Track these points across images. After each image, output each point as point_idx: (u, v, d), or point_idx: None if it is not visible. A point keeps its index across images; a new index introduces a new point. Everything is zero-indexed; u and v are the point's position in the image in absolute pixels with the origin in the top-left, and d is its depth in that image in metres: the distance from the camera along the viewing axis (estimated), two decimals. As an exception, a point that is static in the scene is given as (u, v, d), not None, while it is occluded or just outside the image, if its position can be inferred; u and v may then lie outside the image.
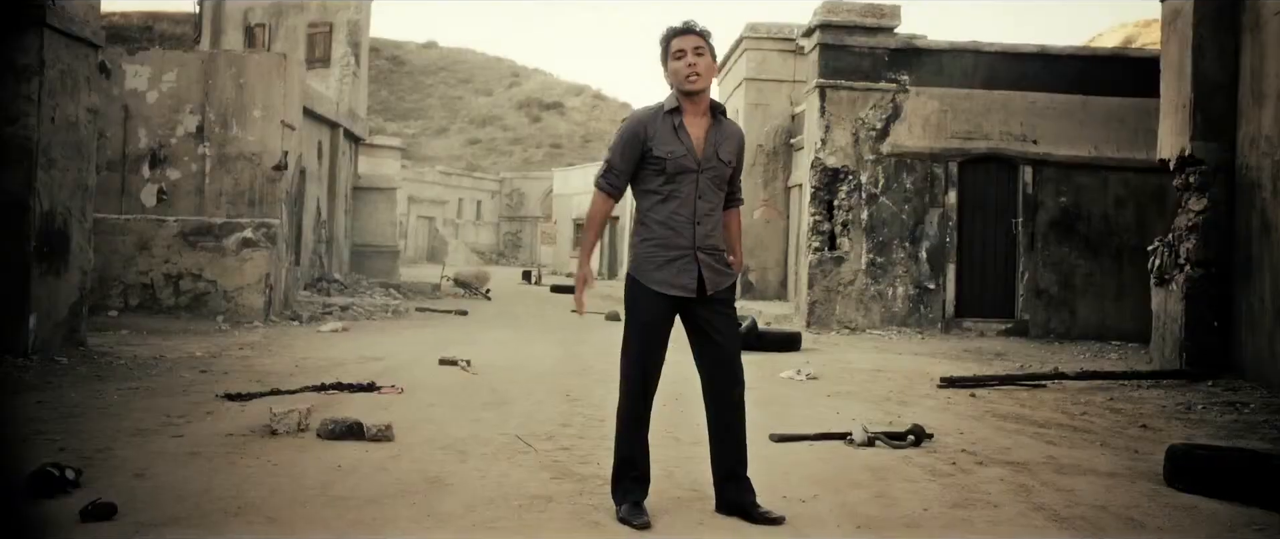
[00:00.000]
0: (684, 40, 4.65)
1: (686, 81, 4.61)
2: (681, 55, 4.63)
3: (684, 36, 4.67)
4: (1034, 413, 8.31)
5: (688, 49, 4.63)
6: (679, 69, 4.62)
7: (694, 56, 4.62)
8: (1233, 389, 9.85)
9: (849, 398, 8.93)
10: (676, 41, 4.66)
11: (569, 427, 7.04)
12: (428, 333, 14.49)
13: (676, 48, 4.65)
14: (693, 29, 4.71)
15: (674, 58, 4.65)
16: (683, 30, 4.71)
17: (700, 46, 4.64)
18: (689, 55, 4.62)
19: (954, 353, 13.67)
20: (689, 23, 4.77)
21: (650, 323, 4.61)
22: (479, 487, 5.19)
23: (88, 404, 7.50)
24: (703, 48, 4.64)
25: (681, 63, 4.62)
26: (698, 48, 4.63)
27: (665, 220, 4.60)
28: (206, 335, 13.15)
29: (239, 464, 5.53)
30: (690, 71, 4.60)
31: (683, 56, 4.62)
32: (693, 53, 4.62)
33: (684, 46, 4.64)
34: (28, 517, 4.40)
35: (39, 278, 9.71)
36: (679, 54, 4.63)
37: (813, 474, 5.70)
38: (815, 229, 15.85)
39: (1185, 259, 10.86)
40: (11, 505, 4.45)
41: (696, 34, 4.68)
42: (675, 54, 4.64)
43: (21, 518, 4.41)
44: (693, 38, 4.66)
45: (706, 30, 4.77)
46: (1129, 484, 5.67)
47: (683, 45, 4.64)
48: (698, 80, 4.61)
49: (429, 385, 8.96)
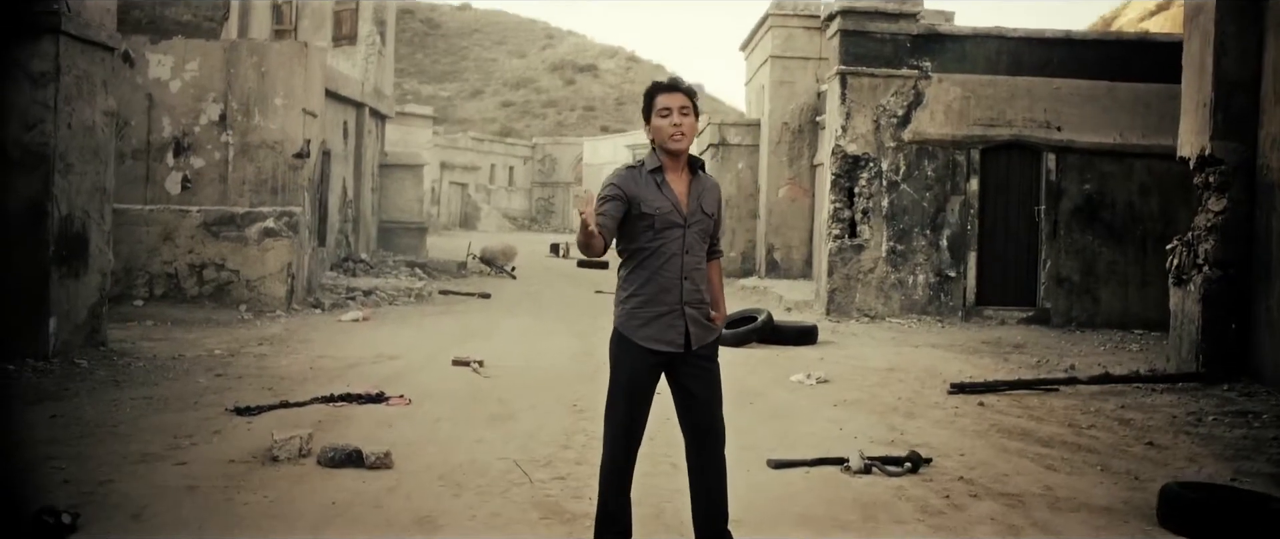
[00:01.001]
0: (670, 98, 4.63)
1: (671, 140, 4.59)
2: (667, 113, 4.61)
3: (670, 94, 4.64)
4: (1040, 427, 8.28)
5: (674, 108, 4.60)
6: (663, 127, 4.60)
7: (680, 116, 4.59)
8: (1248, 395, 9.77)
9: (856, 408, 8.93)
10: (662, 99, 4.64)
11: (569, 449, 7.09)
12: (447, 322, 14.60)
13: (662, 106, 4.63)
14: (679, 87, 4.68)
15: (659, 115, 4.62)
16: (669, 88, 4.68)
17: (686, 107, 4.62)
18: (675, 114, 4.60)
19: (972, 345, 13.61)
20: (675, 80, 4.75)
21: (635, 379, 4.63)
22: (468, 528, 5.26)
23: (100, 420, 7.64)
24: (688, 108, 4.62)
25: (666, 122, 4.60)
26: (684, 108, 4.61)
27: (653, 277, 4.60)
28: (227, 326, 13.32)
29: (236, 500, 5.63)
30: (675, 131, 4.58)
31: (668, 115, 4.60)
32: (679, 113, 4.60)
33: (670, 105, 4.61)
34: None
35: (58, 281, 9.86)
36: (664, 112, 4.61)
37: (802, 511, 5.73)
38: (835, 216, 15.78)
39: (1203, 260, 10.74)
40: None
41: (683, 92, 4.66)
42: (660, 112, 4.62)
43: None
44: (679, 97, 4.64)
45: (692, 89, 4.75)
46: (1121, 524, 5.66)
47: (669, 103, 4.62)
48: (682, 140, 4.60)
49: (439, 393, 9.04)
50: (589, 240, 4.36)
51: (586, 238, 4.35)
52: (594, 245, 4.38)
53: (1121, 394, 9.95)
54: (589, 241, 4.36)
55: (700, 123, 4.75)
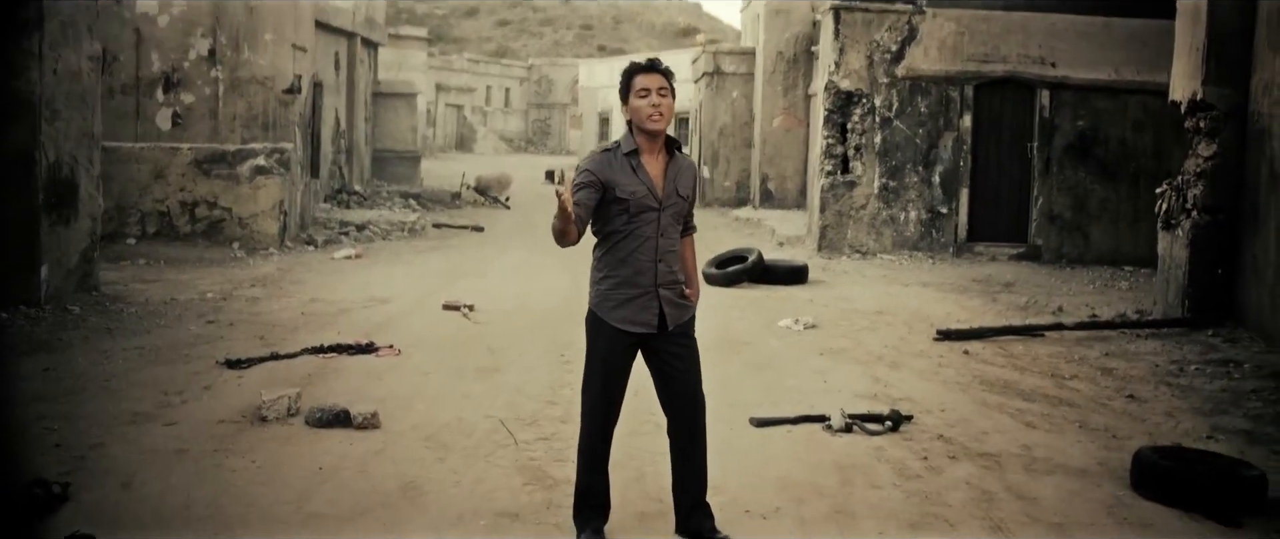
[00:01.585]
0: (648, 79, 4.61)
1: (649, 121, 4.59)
2: (645, 94, 4.59)
3: (649, 75, 4.62)
4: (1022, 378, 8.38)
5: (652, 88, 4.59)
6: (641, 108, 4.59)
7: (658, 97, 4.58)
8: (1231, 341, 9.86)
9: (841, 357, 9.02)
10: (641, 79, 4.62)
11: (555, 405, 7.18)
12: (439, 260, 14.64)
13: (640, 86, 4.61)
14: (657, 67, 4.67)
15: (637, 96, 4.61)
16: (647, 68, 4.66)
17: (664, 87, 4.60)
18: (653, 94, 4.58)
19: (962, 283, 13.69)
20: (653, 61, 4.73)
21: (611, 359, 4.69)
22: (452, 497, 5.36)
23: (92, 373, 7.72)
24: (666, 88, 4.61)
25: (645, 102, 4.59)
26: (662, 88, 4.59)
27: (627, 259, 4.63)
28: (220, 266, 13.36)
29: (224, 466, 5.72)
30: (653, 112, 4.58)
31: (646, 96, 4.59)
32: (657, 93, 4.58)
33: (648, 86, 4.60)
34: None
35: (49, 229, 9.88)
36: (643, 93, 4.60)
37: (781, 474, 5.83)
38: (828, 153, 15.76)
39: (1192, 205, 10.76)
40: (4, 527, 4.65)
41: (661, 73, 4.65)
42: (639, 92, 4.61)
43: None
44: (657, 77, 4.62)
45: (670, 70, 4.74)
46: (1095, 488, 5.76)
47: (647, 84, 4.60)
48: (660, 120, 4.59)
49: (428, 342, 9.12)
50: (565, 227, 4.38)
51: (563, 224, 4.38)
52: (569, 233, 4.41)
53: (1106, 340, 10.04)
54: (565, 228, 4.39)
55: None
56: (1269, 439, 6.85)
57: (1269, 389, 8.06)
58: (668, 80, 4.64)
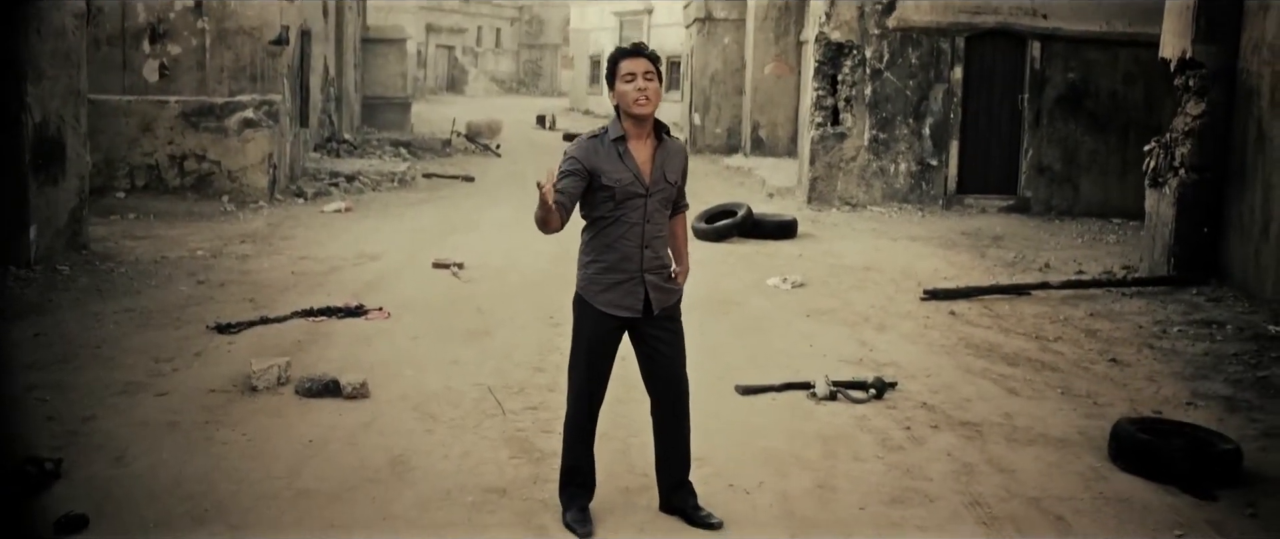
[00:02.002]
0: (634, 63, 4.60)
1: (635, 105, 4.59)
2: (631, 78, 4.58)
3: (635, 59, 4.61)
4: (1007, 341, 8.45)
5: (638, 73, 4.58)
6: (628, 92, 4.59)
7: (644, 81, 4.57)
8: (1215, 300, 9.94)
9: (828, 319, 9.08)
10: (626, 64, 4.61)
11: (542, 372, 7.25)
12: (429, 214, 14.63)
13: (626, 71, 4.60)
14: (643, 52, 4.66)
15: (623, 81, 4.60)
16: (633, 52, 4.65)
17: (650, 71, 4.60)
18: (639, 79, 4.57)
19: (951, 237, 13.74)
20: (639, 45, 4.73)
21: (596, 342, 4.74)
22: (439, 471, 5.43)
23: (83, 339, 7.76)
24: (652, 73, 4.60)
25: (631, 87, 4.58)
26: (648, 72, 4.59)
27: (613, 244, 4.65)
28: (210, 220, 13.36)
29: (215, 439, 5.79)
30: (639, 96, 4.57)
31: (632, 80, 4.58)
32: (643, 77, 4.57)
33: (634, 70, 4.59)
34: (6, 524, 4.68)
35: (37, 189, 9.87)
36: (629, 77, 4.59)
37: (765, 445, 5.91)
38: (818, 104, 15.72)
39: (1180, 163, 10.79)
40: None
41: (647, 57, 4.64)
42: (624, 77, 4.60)
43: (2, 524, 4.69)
44: (643, 61, 4.61)
45: (656, 54, 4.73)
46: (1074, 460, 5.85)
47: (633, 68, 4.59)
48: (646, 105, 4.59)
49: (417, 304, 9.17)
50: (547, 217, 4.40)
51: (545, 214, 4.40)
52: (551, 222, 4.43)
53: (1092, 299, 10.11)
54: (547, 218, 4.41)
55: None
56: (1247, 405, 6.95)
57: (1250, 352, 8.15)
58: (654, 65, 4.64)
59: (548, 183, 4.32)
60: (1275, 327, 8.88)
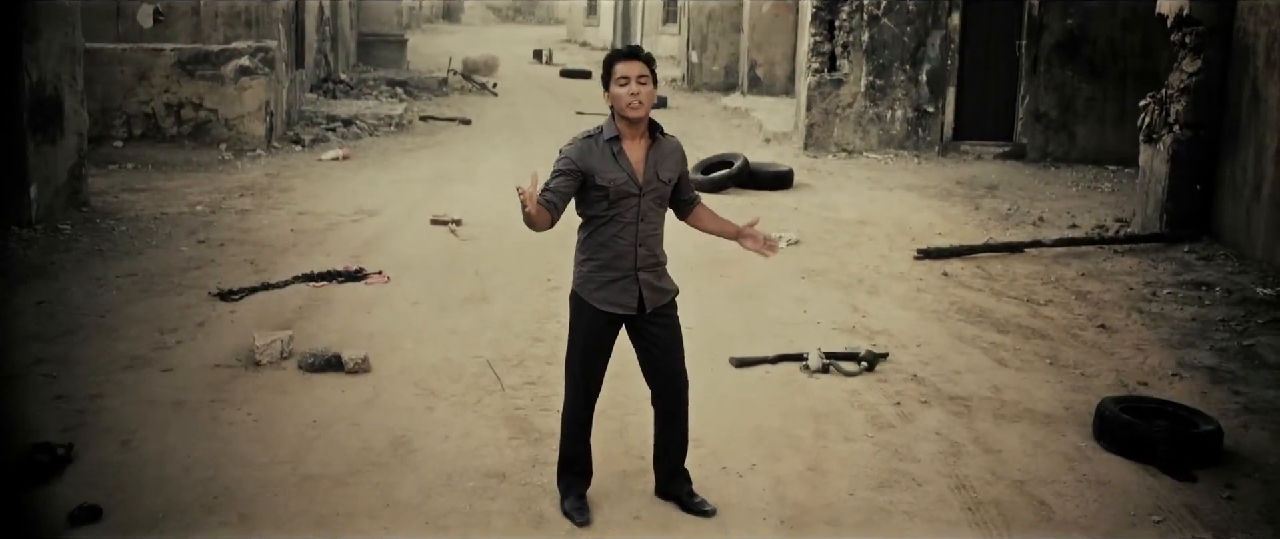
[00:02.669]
0: (629, 66, 4.66)
1: (628, 109, 4.66)
2: (625, 82, 4.65)
3: (629, 63, 4.68)
4: (998, 305, 8.57)
5: (632, 77, 4.64)
6: (621, 96, 4.66)
7: (637, 85, 4.64)
8: (1205, 259, 10.05)
9: (822, 281, 9.18)
10: (621, 67, 4.67)
11: (541, 342, 7.37)
12: (426, 163, 14.66)
13: (620, 74, 4.66)
14: (638, 55, 4.72)
15: (617, 84, 4.67)
16: (628, 56, 4.71)
17: (644, 75, 4.66)
18: (632, 83, 4.64)
19: (946, 186, 13.80)
20: (634, 48, 4.79)
21: (592, 338, 4.85)
22: (441, 453, 5.57)
23: (87, 307, 7.87)
24: (646, 76, 4.67)
25: (624, 90, 4.64)
26: (641, 76, 4.65)
27: (608, 243, 4.75)
28: (208, 170, 13.39)
29: (220, 419, 5.92)
30: (633, 100, 4.64)
31: (626, 84, 4.64)
32: (636, 81, 4.64)
33: (628, 74, 4.65)
34: (20, 514, 4.83)
35: (35, 149, 9.92)
36: (623, 81, 4.65)
37: (758, 423, 6.05)
38: (815, 50, 15.69)
39: (1174, 120, 10.83)
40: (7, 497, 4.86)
41: (641, 61, 4.70)
42: (619, 80, 4.66)
43: (15, 514, 4.84)
44: (638, 65, 4.67)
45: (651, 56, 4.79)
46: (1058, 438, 6.00)
47: (627, 72, 4.65)
48: (640, 109, 4.66)
49: (416, 265, 9.26)
50: (533, 219, 4.48)
51: (528, 220, 4.49)
52: (538, 224, 4.51)
53: (1084, 256, 10.22)
54: (534, 220, 4.49)
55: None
56: (1231, 377, 7.09)
57: (1237, 318, 8.28)
58: (649, 67, 4.70)
59: (530, 188, 4.39)
60: (1264, 289, 9.00)
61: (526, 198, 4.38)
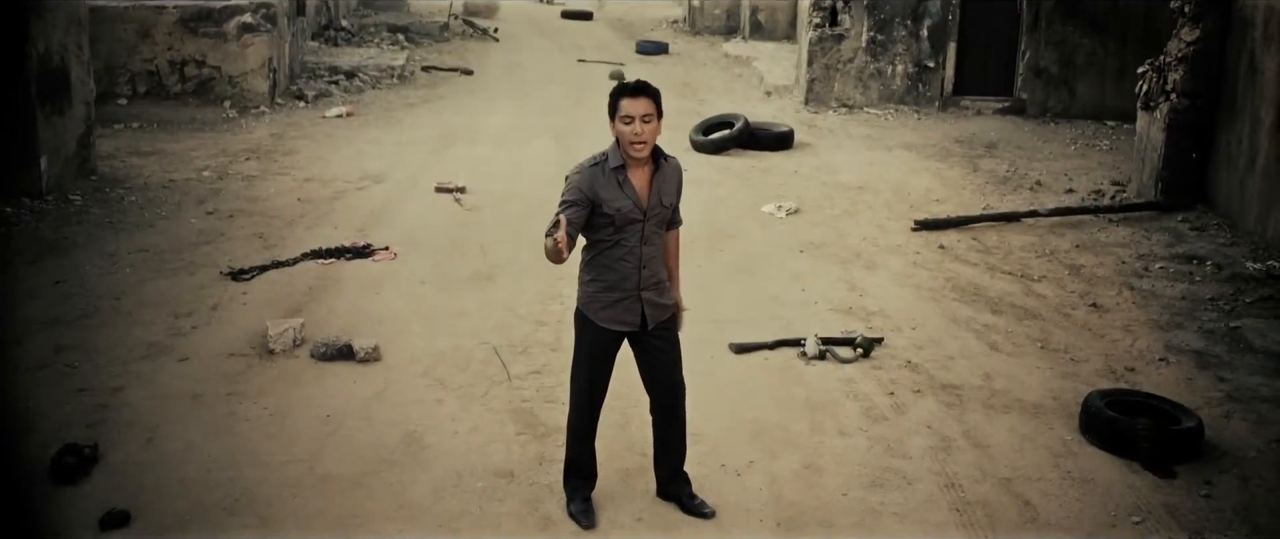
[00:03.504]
0: (633, 105, 4.74)
1: (631, 148, 4.77)
2: (629, 121, 4.73)
3: (634, 101, 4.74)
4: (992, 282, 8.75)
5: (636, 116, 4.73)
6: (625, 133, 4.75)
7: (641, 124, 4.73)
8: (1199, 229, 10.20)
9: (820, 255, 9.34)
10: (626, 104, 4.74)
11: (545, 326, 7.57)
12: (429, 120, 14.73)
13: (625, 112, 4.74)
14: (645, 91, 4.78)
15: (621, 121, 4.75)
16: (635, 91, 4.78)
17: (649, 114, 4.74)
18: (636, 123, 4.73)
19: (945, 145, 13.90)
20: (642, 84, 4.83)
21: (596, 353, 5.05)
22: (451, 450, 5.80)
23: (102, 288, 8.06)
24: (651, 115, 4.75)
25: (629, 129, 4.73)
26: (646, 115, 4.74)
27: (612, 265, 4.90)
28: (213, 131, 13.48)
29: (237, 414, 6.15)
30: (636, 139, 4.74)
31: (630, 123, 4.73)
32: (640, 121, 4.73)
33: (632, 113, 4.73)
34: (48, 522, 5.07)
35: (45, 120, 10.05)
36: (627, 119, 4.74)
37: (756, 420, 6.26)
38: (816, 5, 15.68)
39: (1172, 88, 10.92)
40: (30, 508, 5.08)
41: (647, 97, 4.76)
42: (623, 118, 4.74)
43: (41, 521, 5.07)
44: (643, 103, 4.75)
45: (657, 91, 4.85)
46: (1046, 431, 6.23)
47: (632, 111, 4.73)
48: (642, 149, 4.78)
49: (422, 240, 9.43)
50: (557, 258, 4.62)
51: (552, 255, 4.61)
52: (561, 258, 4.65)
53: (1079, 226, 10.37)
54: (558, 258, 4.63)
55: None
56: (1217, 362, 7.29)
57: (1226, 296, 8.47)
58: (654, 104, 4.79)
59: (562, 235, 4.49)
60: (1254, 264, 9.18)
61: (563, 244, 4.49)
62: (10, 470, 5.03)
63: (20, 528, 4.55)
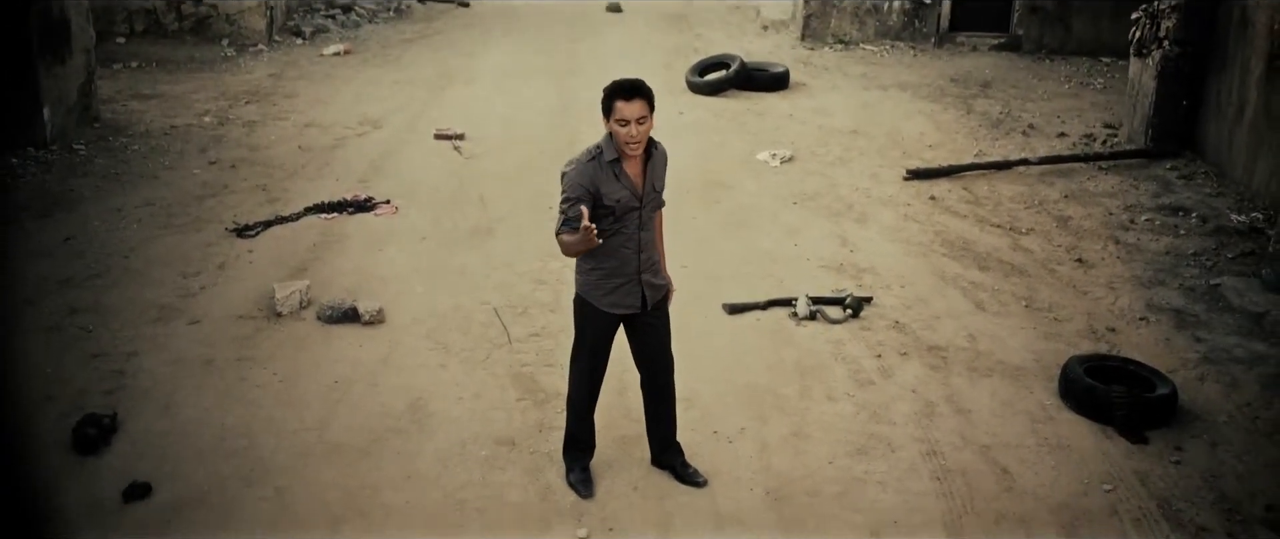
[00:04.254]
0: (628, 108, 4.84)
1: (626, 148, 4.92)
2: (624, 123, 4.86)
3: (629, 103, 4.85)
4: (981, 236, 8.94)
5: (631, 119, 4.85)
6: (620, 134, 4.88)
7: (636, 126, 4.86)
8: (1186, 178, 10.38)
9: (813, 207, 9.52)
10: (621, 106, 4.85)
11: (543, 284, 7.78)
12: (426, 58, 14.80)
13: (619, 114, 4.86)
14: (639, 92, 4.88)
15: (616, 122, 4.88)
16: (629, 92, 4.87)
17: (643, 115, 4.86)
18: (631, 125, 4.86)
19: (940, 84, 14.00)
20: (636, 85, 4.91)
21: (598, 337, 5.25)
22: (455, 417, 6.04)
23: (111, 245, 8.26)
24: (645, 115, 4.87)
25: (624, 130, 4.86)
26: (640, 117, 4.86)
27: (613, 253, 5.07)
28: (212, 71, 13.58)
29: (248, 380, 6.38)
30: (629, 139, 4.88)
31: (625, 125, 4.85)
32: (635, 123, 4.86)
33: (627, 115, 4.85)
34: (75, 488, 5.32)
35: (46, 71, 10.16)
36: (622, 121, 4.86)
37: (748, 385, 6.50)
38: (815, -60, 15.66)
39: (1165, 35, 11.01)
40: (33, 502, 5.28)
41: (641, 99, 4.87)
42: (618, 120, 4.87)
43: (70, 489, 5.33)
44: (637, 105, 4.85)
45: (650, 91, 4.94)
46: (1026, 395, 6.47)
47: (627, 114, 4.84)
48: (638, 148, 4.93)
49: (422, 192, 9.61)
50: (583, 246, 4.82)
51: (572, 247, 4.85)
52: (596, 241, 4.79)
53: (1068, 175, 10.54)
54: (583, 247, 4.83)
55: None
56: (1195, 321, 7.52)
57: (1208, 252, 8.67)
58: (648, 105, 4.90)
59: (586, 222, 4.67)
60: (1238, 216, 9.37)
61: (593, 232, 4.68)
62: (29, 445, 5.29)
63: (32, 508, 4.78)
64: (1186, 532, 5.29)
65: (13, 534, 3.65)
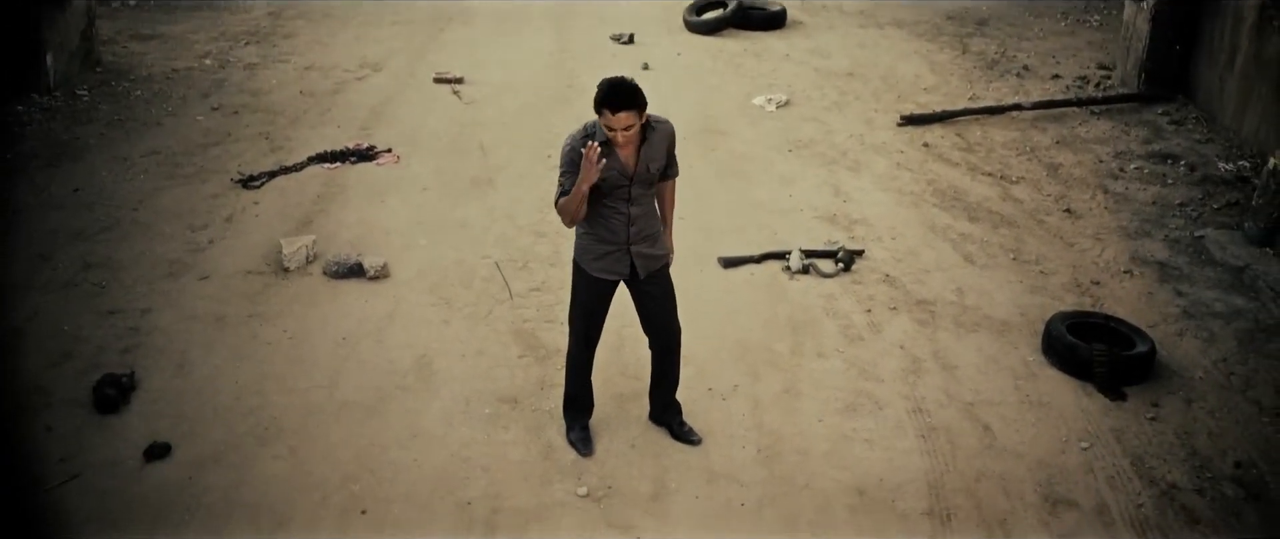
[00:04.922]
0: (615, 118, 4.96)
1: (616, 146, 5.09)
2: (612, 131, 5.01)
3: (617, 114, 4.95)
4: (972, 186, 9.11)
5: (618, 128, 4.99)
6: (610, 135, 5.04)
7: (623, 135, 5.02)
8: (1177, 123, 10.50)
9: (808, 155, 9.66)
10: (608, 118, 4.98)
11: (543, 237, 7.96)
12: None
13: (607, 123, 5.00)
14: (630, 104, 4.96)
15: (605, 128, 5.03)
16: (615, 106, 4.95)
17: (630, 124, 4.99)
18: (618, 133, 5.01)
19: (937, 21, 14.01)
20: (624, 95, 4.97)
21: (592, 300, 5.47)
22: (459, 375, 6.28)
23: (119, 197, 8.44)
24: (633, 123, 5.00)
25: (613, 134, 5.02)
26: (628, 125, 4.99)
27: (603, 222, 5.28)
28: (211, 6, 13.60)
29: (259, 338, 6.61)
30: (616, 141, 5.05)
31: (613, 132, 5.01)
32: (623, 132, 5.01)
33: (614, 125, 4.98)
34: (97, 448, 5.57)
35: (47, 18, 10.21)
36: (609, 128, 5.01)
37: (741, 342, 6.73)
38: (814, -126, 15.53)
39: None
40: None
41: (627, 111, 4.96)
42: (606, 124, 5.01)
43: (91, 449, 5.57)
44: (623, 117, 4.96)
45: (641, 97, 5.02)
46: (1011, 351, 6.70)
47: (613, 123, 4.98)
48: (627, 148, 5.11)
49: (423, 140, 9.74)
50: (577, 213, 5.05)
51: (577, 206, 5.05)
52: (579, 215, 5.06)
53: (1061, 120, 10.66)
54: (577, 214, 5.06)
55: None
56: (1177, 275, 7.72)
57: (1194, 202, 8.85)
58: (637, 113, 4.99)
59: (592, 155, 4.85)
60: (1226, 164, 9.53)
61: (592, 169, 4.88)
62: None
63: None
64: (1157, 489, 5.56)
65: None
